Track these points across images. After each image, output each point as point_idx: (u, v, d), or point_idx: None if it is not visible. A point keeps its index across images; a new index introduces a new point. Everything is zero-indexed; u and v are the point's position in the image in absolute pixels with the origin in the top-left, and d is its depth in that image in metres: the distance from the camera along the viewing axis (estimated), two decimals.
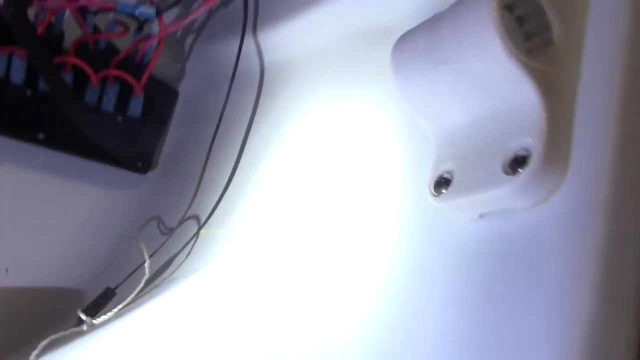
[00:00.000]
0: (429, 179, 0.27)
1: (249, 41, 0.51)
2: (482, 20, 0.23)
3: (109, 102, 0.54)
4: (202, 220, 0.45)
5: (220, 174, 0.49)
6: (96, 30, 0.54)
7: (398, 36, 0.28)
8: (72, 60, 0.50)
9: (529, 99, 0.23)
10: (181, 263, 0.42)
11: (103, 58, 0.53)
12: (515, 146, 0.23)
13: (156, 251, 0.45)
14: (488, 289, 0.23)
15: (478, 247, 0.25)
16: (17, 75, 0.51)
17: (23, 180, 0.54)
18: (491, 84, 0.24)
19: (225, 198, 0.46)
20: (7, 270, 0.52)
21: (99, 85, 0.53)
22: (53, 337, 0.44)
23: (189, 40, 0.61)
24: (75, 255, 0.53)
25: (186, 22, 0.51)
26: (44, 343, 0.43)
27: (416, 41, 0.26)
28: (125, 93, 0.54)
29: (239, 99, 0.53)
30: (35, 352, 0.43)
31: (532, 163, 0.22)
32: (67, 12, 0.51)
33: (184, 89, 0.62)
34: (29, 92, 0.52)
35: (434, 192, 0.26)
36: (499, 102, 0.24)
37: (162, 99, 0.59)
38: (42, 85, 0.52)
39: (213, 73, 0.62)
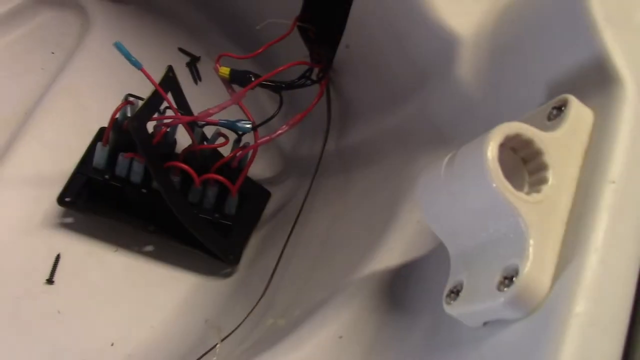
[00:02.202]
0: (445, 288, 0.32)
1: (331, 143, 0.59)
2: (480, 163, 0.28)
3: (209, 201, 0.62)
4: (275, 309, 0.51)
5: (297, 266, 0.56)
6: (203, 139, 0.63)
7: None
8: (180, 165, 0.59)
9: (520, 228, 0.28)
10: (248, 347, 0.48)
11: (207, 164, 0.62)
12: (507, 266, 0.28)
13: (228, 335, 0.51)
14: None
15: (481, 350, 0.30)
16: (136, 176, 0.61)
17: (132, 265, 0.63)
18: (492, 214, 0.29)
19: (299, 290, 0.52)
20: (112, 344, 0.60)
21: (201, 186, 0.61)
22: None
23: (280, 147, 0.70)
24: (167, 335, 0.60)
25: (275, 136, 0.59)
26: None
27: (437, 173, 0.32)
28: (223, 193, 0.62)
29: (320, 195, 0.61)
30: None
31: (517, 282, 0.27)
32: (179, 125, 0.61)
33: (276, 190, 0.70)
34: (144, 190, 0.62)
35: (447, 301, 0.31)
36: (499, 228, 0.29)
37: (255, 198, 0.67)
38: (155, 184, 0.61)
39: (301, 172, 0.71)
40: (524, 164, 0.31)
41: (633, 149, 0.30)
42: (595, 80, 0.33)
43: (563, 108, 0.32)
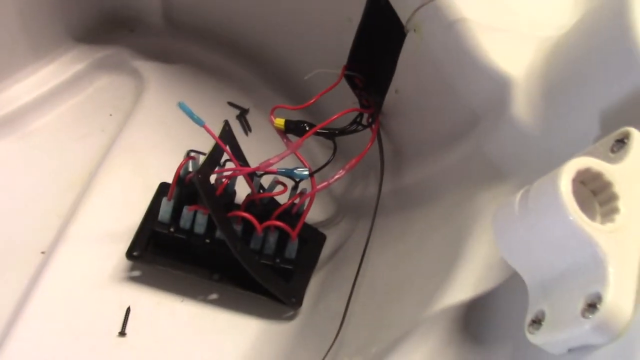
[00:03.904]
0: (527, 318, 0.33)
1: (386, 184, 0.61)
2: (556, 197, 0.30)
3: (270, 247, 0.65)
4: (349, 348, 0.53)
5: (364, 306, 0.58)
6: (261, 188, 0.66)
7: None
8: (242, 214, 0.62)
9: (599, 257, 0.30)
10: None
11: (266, 211, 0.64)
12: (589, 293, 0.30)
13: None
14: None
15: None
16: (200, 227, 0.64)
17: (199, 314, 0.65)
18: (570, 245, 0.31)
19: (371, 329, 0.54)
20: None
21: (262, 233, 0.64)
22: None
23: (332, 190, 0.72)
24: None
25: (333, 181, 0.61)
26: None
27: (511, 209, 0.34)
28: (283, 239, 0.65)
29: (378, 236, 0.62)
30: None
31: (601, 308, 0.29)
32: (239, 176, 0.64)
33: (330, 232, 0.72)
34: (207, 241, 0.64)
35: (529, 331, 0.33)
36: (577, 257, 0.31)
37: (313, 242, 0.69)
38: (218, 234, 0.64)
39: (354, 215, 0.73)
40: (594, 195, 0.33)
41: None
42: None
43: (625, 140, 0.34)
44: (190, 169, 0.64)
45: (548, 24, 0.48)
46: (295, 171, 0.62)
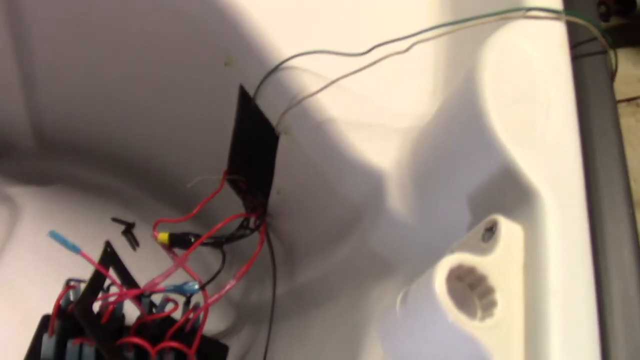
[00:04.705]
0: None
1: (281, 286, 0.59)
2: (432, 301, 0.30)
3: None
4: None
5: None
6: (153, 306, 0.62)
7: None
8: (133, 340, 0.58)
9: (484, 355, 0.29)
10: None
11: (161, 330, 0.61)
12: None
13: None
14: None
15: None
16: None
17: None
18: (455, 345, 0.30)
19: None
20: None
21: (157, 356, 0.60)
22: None
23: (229, 298, 0.70)
24: None
25: (224, 292, 0.59)
26: None
27: (393, 313, 0.33)
28: (180, 358, 0.61)
29: (280, 339, 0.60)
30: None
31: None
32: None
33: (232, 342, 0.69)
34: None
35: None
36: (466, 357, 0.30)
37: (213, 355, 0.66)
38: None
39: (255, 320, 0.70)
40: (471, 289, 0.33)
41: (566, 254, 0.32)
42: (515, 196, 0.36)
43: (494, 229, 0.34)
44: (72, 299, 0.60)
45: (411, 114, 0.49)
46: (184, 287, 0.60)
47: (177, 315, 0.61)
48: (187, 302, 0.62)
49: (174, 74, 0.66)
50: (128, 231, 0.77)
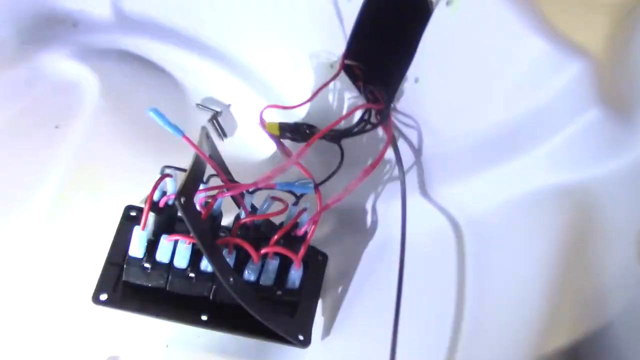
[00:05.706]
0: None
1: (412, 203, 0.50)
2: None
3: (268, 278, 0.53)
4: None
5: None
6: (252, 208, 0.55)
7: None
8: (236, 241, 0.51)
9: None
10: None
11: (262, 234, 0.53)
12: None
13: None
14: None
15: None
16: (182, 260, 0.52)
17: None
18: None
19: None
20: None
21: (259, 262, 0.52)
22: None
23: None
24: None
25: (347, 193, 0.50)
26: None
27: None
28: (284, 266, 0.54)
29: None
30: None
31: None
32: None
33: (332, 250, 0.61)
34: (192, 275, 0.53)
35: None
36: None
37: (314, 265, 0.58)
38: (203, 266, 0.52)
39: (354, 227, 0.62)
40: None
41: None
42: None
43: None
44: (168, 189, 0.52)
45: None
46: (296, 184, 0.52)
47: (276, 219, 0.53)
48: (296, 203, 0.54)
49: None
50: (215, 119, 0.69)
